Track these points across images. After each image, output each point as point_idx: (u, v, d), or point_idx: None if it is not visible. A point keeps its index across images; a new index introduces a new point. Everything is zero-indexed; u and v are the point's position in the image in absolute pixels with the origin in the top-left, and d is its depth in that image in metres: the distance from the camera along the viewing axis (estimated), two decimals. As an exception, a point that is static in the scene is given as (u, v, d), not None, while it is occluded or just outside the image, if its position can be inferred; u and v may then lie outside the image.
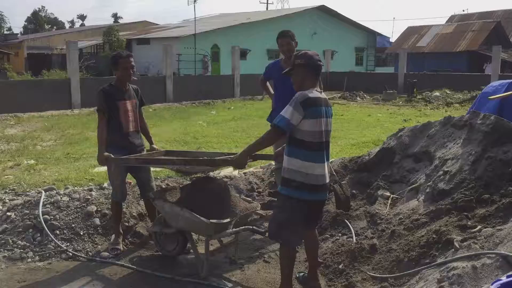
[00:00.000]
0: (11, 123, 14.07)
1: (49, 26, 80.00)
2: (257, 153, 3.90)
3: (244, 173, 6.65)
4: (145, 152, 4.90)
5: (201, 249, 4.32)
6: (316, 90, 3.56)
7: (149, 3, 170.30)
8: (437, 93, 21.83)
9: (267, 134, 3.52)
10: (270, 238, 3.87)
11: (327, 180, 3.61)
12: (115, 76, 4.81)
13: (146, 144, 5.04)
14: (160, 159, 4.74)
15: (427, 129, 5.34)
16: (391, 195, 4.99)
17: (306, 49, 3.84)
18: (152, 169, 7.49)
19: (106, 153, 4.52)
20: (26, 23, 77.63)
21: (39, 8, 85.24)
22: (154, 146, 5.02)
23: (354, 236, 4.59)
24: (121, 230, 4.79)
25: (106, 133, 4.62)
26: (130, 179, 5.33)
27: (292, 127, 3.41)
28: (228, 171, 6.43)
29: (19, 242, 4.64)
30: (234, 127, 13.44)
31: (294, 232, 3.59)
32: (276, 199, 5.81)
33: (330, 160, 6.65)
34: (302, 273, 4.18)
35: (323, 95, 3.64)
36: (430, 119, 5.77)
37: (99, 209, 5.05)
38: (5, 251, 4.54)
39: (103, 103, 4.60)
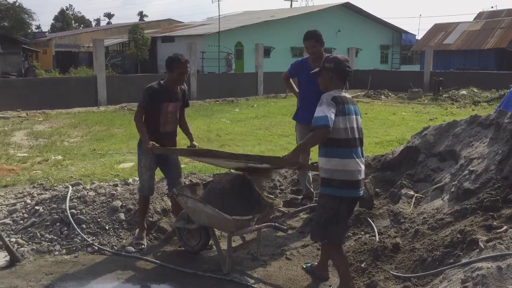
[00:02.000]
0: (40, 119, 14.38)
1: (76, 24, 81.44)
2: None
3: (267, 170, 6.67)
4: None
5: (223, 245, 4.36)
6: (342, 91, 3.67)
7: (174, 1, 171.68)
8: (464, 92, 21.44)
9: (314, 135, 3.50)
10: (313, 239, 3.99)
11: (363, 176, 3.67)
12: (167, 76, 4.76)
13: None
14: (206, 152, 4.66)
15: (453, 128, 5.27)
16: (415, 194, 4.94)
17: (336, 54, 3.94)
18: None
19: (152, 142, 4.55)
20: (53, 22, 79.09)
21: (66, 7, 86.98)
22: (194, 143, 5.04)
23: (377, 235, 4.57)
24: (145, 225, 4.86)
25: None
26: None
27: (332, 121, 3.44)
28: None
29: (47, 235, 4.75)
30: (257, 124, 13.48)
31: (340, 229, 3.68)
32: (298, 197, 5.83)
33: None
34: (310, 264, 4.29)
35: (348, 95, 3.73)
36: (456, 118, 5.69)
37: (124, 204, 5.14)
38: (33, 244, 4.65)
39: (147, 100, 4.62)
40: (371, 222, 4.81)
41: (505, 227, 3.56)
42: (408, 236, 4.28)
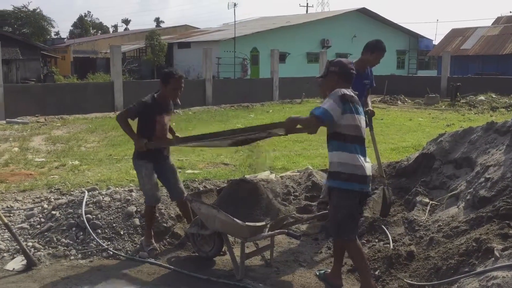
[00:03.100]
0: (58, 124, 14.59)
1: (94, 30, 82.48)
2: None
3: (281, 176, 6.67)
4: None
5: (237, 251, 4.37)
6: (349, 90, 3.76)
7: (190, 7, 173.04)
8: (482, 97, 21.18)
9: (308, 118, 3.67)
10: (334, 237, 4.06)
11: (370, 173, 3.77)
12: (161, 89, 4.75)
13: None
14: (203, 135, 4.65)
15: (469, 135, 5.22)
16: (430, 202, 4.90)
17: (341, 58, 4.02)
18: (190, 171, 7.63)
19: (144, 139, 4.55)
20: (72, 28, 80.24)
21: (85, 13, 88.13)
22: (177, 134, 5.07)
23: (391, 243, 4.54)
24: (152, 232, 4.87)
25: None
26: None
27: (331, 119, 3.56)
28: (265, 174, 6.47)
29: (63, 240, 4.82)
30: (272, 130, 13.45)
31: (354, 224, 3.80)
32: (313, 203, 5.82)
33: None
34: (323, 271, 4.28)
35: (354, 95, 3.82)
36: (474, 124, 5.64)
37: (139, 209, 5.18)
38: (50, 248, 4.72)
39: (135, 112, 4.63)
40: (386, 229, 4.78)
41: (521, 236, 3.50)
42: (423, 244, 4.24)
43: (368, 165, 3.75)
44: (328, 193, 3.94)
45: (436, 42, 44.99)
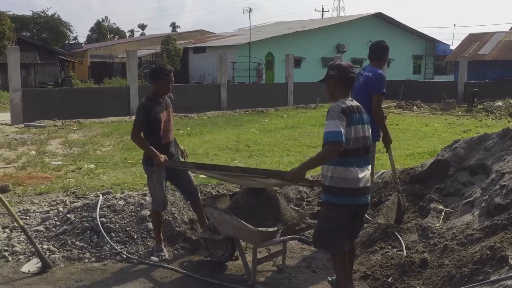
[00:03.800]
0: (74, 128, 14.77)
1: (111, 35, 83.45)
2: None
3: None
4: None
5: (249, 257, 4.37)
6: (348, 100, 3.66)
7: (206, 12, 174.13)
8: (499, 103, 20.90)
9: (326, 151, 3.50)
10: (315, 246, 3.92)
11: (369, 184, 3.68)
12: (152, 87, 4.84)
13: None
14: (215, 166, 4.74)
15: (484, 141, 5.17)
16: (445, 209, 4.85)
17: (340, 61, 3.98)
18: (203, 176, 7.65)
19: (162, 155, 4.60)
20: (90, 33, 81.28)
21: (102, 19, 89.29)
22: (181, 146, 5.14)
23: (404, 250, 4.50)
24: (162, 237, 4.90)
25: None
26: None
27: (344, 135, 3.46)
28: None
29: (77, 243, 4.87)
30: (287, 135, 13.48)
31: (339, 238, 3.66)
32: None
33: (382, 171, 6.57)
34: (335, 277, 4.19)
35: (355, 102, 3.72)
36: (491, 130, 5.58)
37: (152, 213, 5.21)
38: (64, 251, 4.78)
39: (144, 120, 4.65)
40: (399, 236, 4.74)
41: (537, 245, 3.45)
42: (437, 251, 4.20)
43: (366, 174, 3.63)
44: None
45: (453, 47, 44.63)
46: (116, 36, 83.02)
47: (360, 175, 3.59)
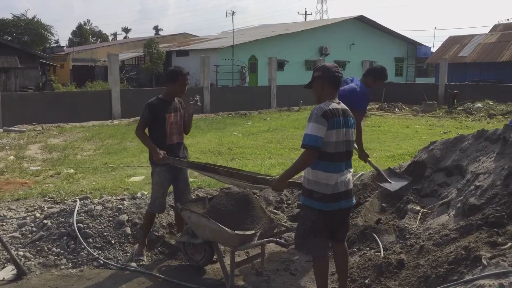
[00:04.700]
0: (54, 133, 14.60)
1: (94, 39, 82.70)
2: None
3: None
4: None
5: (228, 260, 4.36)
6: (334, 102, 3.58)
7: (189, 15, 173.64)
8: (479, 105, 21.22)
9: (302, 157, 3.51)
10: (296, 249, 3.90)
11: (350, 186, 3.63)
12: (166, 88, 4.90)
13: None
14: (208, 167, 4.73)
15: (460, 143, 5.23)
16: (421, 210, 4.90)
17: (324, 63, 3.91)
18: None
19: (162, 152, 4.60)
20: (71, 36, 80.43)
21: (84, 22, 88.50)
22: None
23: (382, 251, 4.53)
24: (146, 241, 4.88)
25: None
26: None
27: (322, 141, 3.43)
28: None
29: (54, 249, 4.81)
30: (269, 138, 13.50)
31: (317, 242, 3.63)
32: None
33: (361, 173, 6.61)
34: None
35: (342, 105, 3.65)
36: (471, 132, 5.64)
37: (130, 218, 5.18)
38: (40, 257, 4.71)
39: (148, 116, 4.70)
40: (377, 237, 4.77)
41: (509, 244, 3.50)
42: (413, 252, 4.23)
43: (347, 178, 3.59)
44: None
45: (434, 50, 45.20)
46: (99, 40, 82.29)
47: (340, 180, 3.53)
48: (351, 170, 3.72)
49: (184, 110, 4.96)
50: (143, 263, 4.71)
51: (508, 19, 54.82)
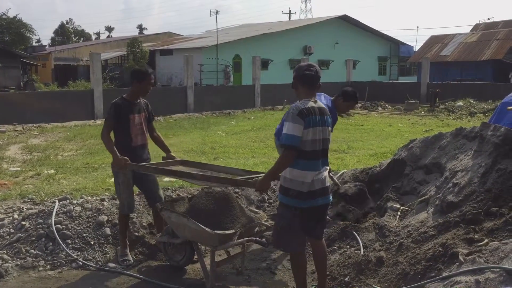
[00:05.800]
0: (35, 133, 14.40)
1: (76, 38, 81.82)
2: None
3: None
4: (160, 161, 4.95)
5: (209, 260, 4.34)
6: (311, 100, 3.62)
7: (174, 14, 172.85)
8: (460, 103, 21.48)
9: (282, 157, 3.55)
10: (273, 246, 3.93)
11: (327, 184, 3.67)
12: (131, 88, 4.86)
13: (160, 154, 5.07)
14: (179, 172, 4.63)
15: (439, 141, 5.28)
16: (401, 207, 4.94)
17: (311, 62, 3.93)
18: (167, 179, 7.57)
19: (124, 157, 4.55)
20: (54, 35, 79.51)
21: (67, 21, 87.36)
22: (171, 154, 5.06)
23: (361, 248, 4.56)
24: (127, 242, 4.84)
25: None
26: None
27: (299, 140, 3.47)
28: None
29: (32, 251, 4.74)
30: (253, 137, 13.48)
31: (293, 239, 3.67)
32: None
33: (342, 172, 6.64)
34: (314, 286, 4.18)
35: (319, 104, 3.69)
36: (451, 130, 5.69)
37: (110, 218, 5.14)
38: (18, 259, 4.64)
39: (114, 116, 4.67)
40: (357, 235, 4.80)
41: (486, 240, 3.55)
42: (392, 249, 4.26)
43: (324, 176, 3.63)
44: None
45: (416, 49, 45.58)
46: (82, 39, 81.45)
47: (317, 178, 3.58)
48: (328, 167, 3.75)
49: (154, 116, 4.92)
50: (129, 262, 4.68)
51: (488, 19, 55.58)
